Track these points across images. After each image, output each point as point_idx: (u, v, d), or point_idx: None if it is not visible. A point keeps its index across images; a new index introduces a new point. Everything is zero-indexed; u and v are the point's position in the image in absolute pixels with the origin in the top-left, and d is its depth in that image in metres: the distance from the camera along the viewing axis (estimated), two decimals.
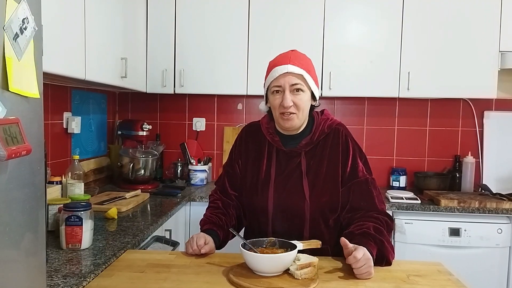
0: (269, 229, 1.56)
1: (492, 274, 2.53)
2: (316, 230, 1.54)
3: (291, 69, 1.47)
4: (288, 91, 1.48)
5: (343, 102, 3.21)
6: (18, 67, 0.88)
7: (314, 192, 1.53)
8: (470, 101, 3.13)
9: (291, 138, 1.59)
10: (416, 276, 1.35)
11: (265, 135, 1.62)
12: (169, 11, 2.89)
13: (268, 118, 1.65)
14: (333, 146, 1.57)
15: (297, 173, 1.56)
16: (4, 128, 0.82)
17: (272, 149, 1.60)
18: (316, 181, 1.54)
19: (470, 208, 2.54)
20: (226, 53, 2.87)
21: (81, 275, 1.31)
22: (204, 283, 1.26)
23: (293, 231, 1.54)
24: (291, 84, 1.48)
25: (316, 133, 1.56)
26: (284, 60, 1.50)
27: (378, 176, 3.15)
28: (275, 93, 1.51)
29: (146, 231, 1.86)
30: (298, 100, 1.49)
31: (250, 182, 1.61)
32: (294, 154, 1.57)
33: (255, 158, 1.62)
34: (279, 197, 1.55)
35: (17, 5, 0.88)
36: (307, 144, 1.56)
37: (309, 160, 1.56)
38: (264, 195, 1.56)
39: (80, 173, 2.29)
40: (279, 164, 1.58)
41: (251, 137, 1.67)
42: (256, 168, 1.61)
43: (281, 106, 1.49)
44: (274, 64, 1.53)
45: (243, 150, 1.66)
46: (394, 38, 2.81)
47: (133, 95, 3.29)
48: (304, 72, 1.49)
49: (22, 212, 0.92)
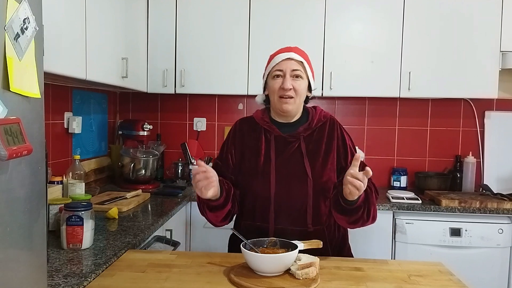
0: (271, 210, 1.55)
1: (493, 274, 2.53)
2: (317, 210, 1.57)
3: (293, 56, 1.58)
4: (288, 75, 1.57)
5: (344, 102, 3.21)
6: (19, 67, 0.88)
7: (315, 171, 1.58)
8: (471, 101, 3.13)
9: (287, 126, 1.64)
10: (417, 276, 1.35)
11: (261, 125, 1.65)
12: (170, 11, 2.89)
13: (262, 111, 1.71)
14: (329, 134, 1.64)
15: (297, 155, 1.60)
16: (5, 128, 0.83)
17: (270, 136, 1.63)
18: (316, 162, 1.59)
19: (471, 208, 2.54)
20: (227, 53, 2.87)
21: (82, 275, 1.31)
22: (205, 283, 1.26)
23: (296, 211, 1.55)
24: (292, 69, 1.57)
25: (314, 120, 1.64)
26: (287, 49, 1.61)
27: (379, 176, 3.19)
28: (276, 78, 1.59)
29: (147, 231, 1.86)
30: (297, 86, 1.57)
31: (248, 167, 1.62)
32: (293, 139, 1.62)
33: (253, 146, 1.64)
34: (281, 178, 1.57)
35: (18, 5, 0.88)
36: (305, 130, 1.63)
37: (307, 144, 1.61)
38: (265, 177, 1.57)
39: (81, 173, 2.29)
40: (278, 148, 1.61)
41: (245, 129, 1.69)
42: (255, 154, 1.62)
43: (281, 89, 1.56)
44: (276, 53, 1.63)
45: (238, 142, 1.68)
46: (395, 38, 2.81)
47: (134, 95, 3.29)
48: (304, 60, 1.60)
49: (23, 212, 0.92)
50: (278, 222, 1.55)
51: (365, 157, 3.18)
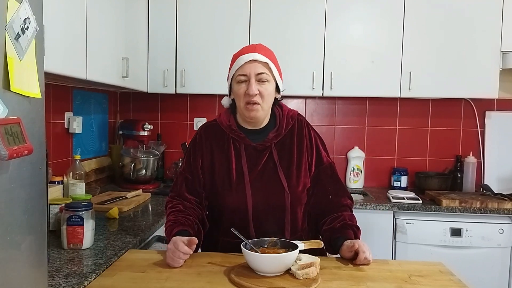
0: (250, 225, 1.51)
1: (493, 274, 2.53)
2: (294, 219, 1.56)
3: (257, 57, 1.49)
4: (253, 79, 1.48)
5: (345, 102, 3.21)
6: (19, 67, 0.88)
7: (291, 182, 1.55)
8: (471, 101, 3.12)
9: (256, 132, 1.58)
10: (417, 276, 1.35)
11: (228, 133, 1.58)
12: (170, 11, 2.89)
13: (227, 115, 1.61)
14: (299, 135, 1.60)
15: (270, 165, 1.55)
16: (5, 128, 0.83)
17: (240, 146, 1.56)
18: (290, 171, 1.55)
19: (472, 208, 2.54)
20: (227, 53, 2.82)
21: (82, 274, 1.31)
22: (205, 283, 1.26)
23: (274, 223, 1.53)
24: (256, 73, 1.48)
25: (282, 125, 1.58)
26: (250, 49, 1.52)
27: (379, 176, 3.20)
28: (240, 83, 1.50)
29: (147, 231, 1.87)
30: (264, 90, 1.49)
31: (221, 183, 1.55)
32: (264, 147, 1.56)
33: (222, 158, 1.56)
34: (257, 192, 1.52)
35: (19, 5, 0.88)
36: (276, 136, 1.57)
37: (279, 152, 1.56)
38: (240, 193, 1.51)
39: (81, 173, 2.29)
40: (250, 160, 1.55)
41: (211, 138, 1.60)
42: (226, 168, 1.55)
43: (247, 95, 1.48)
44: (239, 53, 1.54)
45: (205, 152, 1.58)
46: (396, 38, 2.81)
47: (134, 95, 3.29)
48: (269, 61, 1.50)
49: (23, 212, 0.92)
50: (258, 235, 1.48)
51: (366, 157, 3.19)
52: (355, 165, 3.13)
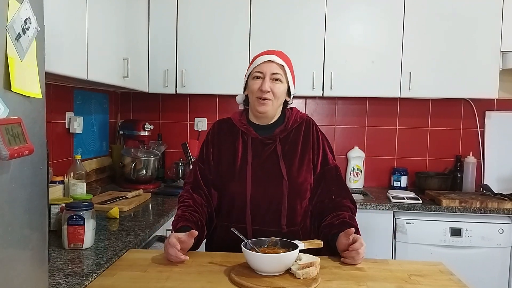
0: (247, 213, 1.57)
1: (493, 274, 2.53)
2: (292, 211, 1.59)
3: (274, 59, 1.59)
4: (268, 77, 1.57)
5: (345, 102, 3.21)
6: (20, 67, 0.89)
7: (291, 173, 1.59)
8: (471, 101, 3.13)
9: (265, 128, 1.66)
10: (417, 276, 1.35)
11: (238, 127, 1.66)
12: (171, 12, 2.89)
13: (240, 113, 1.71)
14: (305, 134, 1.66)
15: (273, 157, 1.61)
16: (6, 128, 0.83)
17: (247, 138, 1.64)
18: (292, 164, 1.61)
19: (472, 208, 2.54)
20: (227, 53, 2.87)
21: (83, 274, 1.31)
22: (206, 283, 1.26)
23: (271, 211, 1.57)
24: (272, 72, 1.58)
25: (289, 122, 1.66)
26: (269, 52, 1.63)
27: (379, 176, 3.20)
28: (256, 79, 1.59)
29: (147, 231, 1.87)
30: (276, 89, 1.58)
31: (226, 169, 1.63)
32: (269, 141, 1.63)
33: (230, 147, 1.65)
34: (257, 180, 1.58)
35: (20, 5, 0.88)
36: (282, 131, 1.64)
37: (283, 146, 1.63)
38: (242, 179, 1.59)
39: (82, 173, 2.29)
40: (255, 151, 1.63)
41: (224, 131, 1.70)
42: (232, 156, 1.63)
43: (259, 90, 1.57)
44: (259, 55, 1.64)
45: (216, 142, 1.68)
46: (396, 38, 2.81)
47: (135, 95, 3.30)
48: (285, 64, 1.60)
49: (24, 212, 0.92)
50: (254, 223, 1.57)
51: (366, 157, 3.19)
52: (355, 165, 3.14)
